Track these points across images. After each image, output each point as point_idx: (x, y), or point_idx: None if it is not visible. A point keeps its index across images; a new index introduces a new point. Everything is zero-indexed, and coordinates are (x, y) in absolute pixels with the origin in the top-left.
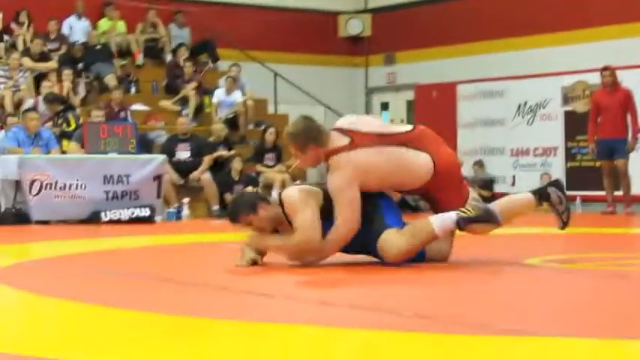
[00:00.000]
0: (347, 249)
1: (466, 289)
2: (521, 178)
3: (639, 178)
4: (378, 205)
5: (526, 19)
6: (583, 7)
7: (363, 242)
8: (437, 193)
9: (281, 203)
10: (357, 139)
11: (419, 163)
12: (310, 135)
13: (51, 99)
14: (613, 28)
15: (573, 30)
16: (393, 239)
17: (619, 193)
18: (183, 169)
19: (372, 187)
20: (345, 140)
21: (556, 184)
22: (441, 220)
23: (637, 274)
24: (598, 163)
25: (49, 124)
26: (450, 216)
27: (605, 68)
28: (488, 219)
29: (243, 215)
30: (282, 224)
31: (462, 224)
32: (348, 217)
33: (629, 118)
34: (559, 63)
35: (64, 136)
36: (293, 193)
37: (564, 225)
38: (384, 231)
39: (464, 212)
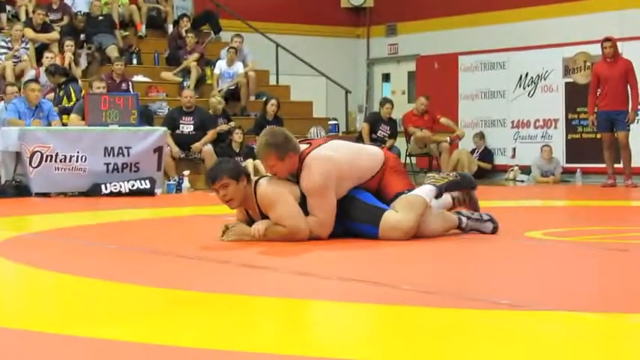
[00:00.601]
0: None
1: (466, 263)
2: (522, 150)
3: (638, 151)
4: (350, 195)
5: None
6: None
7: (347, 230)
8: (391, 177)
9: (254, 193)
10: (315, 142)
11: (371, 148)
12: (290, 143)
13: (53, 71)
14: None
15: (575, 1)
16: (399, 218)
17: (619, 165)
18: (186, 142)
19: (345, 183)
20: (305, 145)
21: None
22: (424, 191)
23: (636, 248)
24: (599, 135)
25: (50, 95)
26: (428, 187)
27: (606, 39)
28: (460, 184)
29: (225, 178)
30: (248, 206)
31: (442, 191)
32: (325, 218)
33: (630, 89)
34: (560, 34)
35: (63, 112)
36: (268, 188)
37: (492, 221)
38: (377, 215)
39: (440, 180)
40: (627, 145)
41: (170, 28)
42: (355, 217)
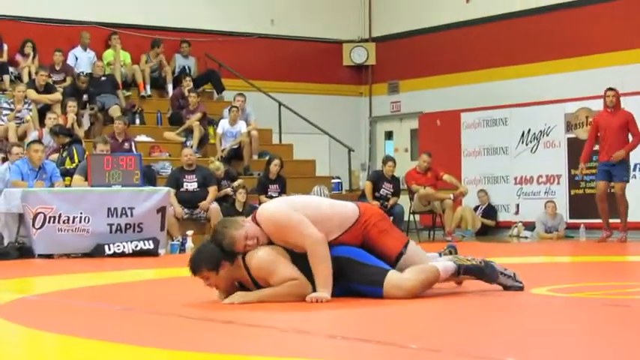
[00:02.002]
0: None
1: (472, 320)
2: (526, 206)
3: (637, 205)
4: (346, 257)
5: (528, 47)
6: (585, 34)
7: (348, 290)
8: (373, 234)
9: (246, 267)
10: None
11: (344, 203)
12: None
13: (57, 131)
14: (615, 55)
15: (576, 57)
16: (403, 277)
17: (613, 220)
18: (191, 199)
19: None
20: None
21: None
22: (442, 265)
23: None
24: (596, 188)
25: (54, 156)
26: (450, 263)
27: (609, 89)
28: (483, 272)
29: (205, 270)
30: (240, 279)
31: (461, 271)
32: (309, 233)
33: (631, 138)
34: (561, 90)
35: (65, 174)
36: (261, 259)
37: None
38: (380, 275)
39: (463, 261)
40: (623, 197)
41: (170, 88)
42: (356, 279)
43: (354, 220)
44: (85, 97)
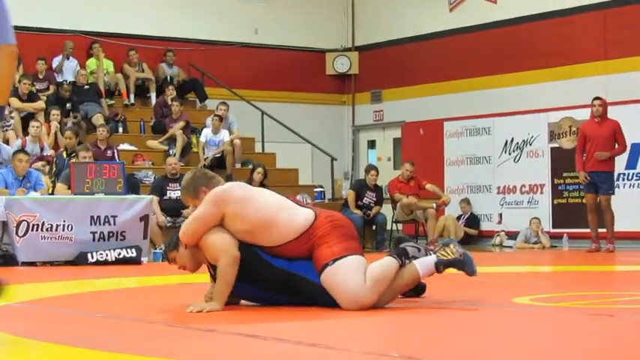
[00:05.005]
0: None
1: (453, 329)
2: (508, 215)
3: (623, 215)
4: (295, 274)
5: (511, 56)
6: (569, 43)
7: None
8: (316, 244)
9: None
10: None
11: (299, 209)
12: (198, 180)
13: (76, 130)
14: (599, 65)
15: (559, 66)
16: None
17: (603, 230)
18: (174, 207)
19: (240, 224)
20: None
21: (401, 239)
22: (420, 265)
23: (623, 313)
24: (585, 200)
25: (38, 164)
26: (430, 259)
27: (596, 98)
28: (463, 264)
29: (169, 253)
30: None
31: (440, 267)
32: (226, 251)
33: (617, 146)
34: (545, 99)
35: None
36: (204, 240)
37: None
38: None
39: (443, 255)
40: (609, 209)
41: (153, 96)
42: (312, 295)
43: (300, 232)
44: (68, 105)
